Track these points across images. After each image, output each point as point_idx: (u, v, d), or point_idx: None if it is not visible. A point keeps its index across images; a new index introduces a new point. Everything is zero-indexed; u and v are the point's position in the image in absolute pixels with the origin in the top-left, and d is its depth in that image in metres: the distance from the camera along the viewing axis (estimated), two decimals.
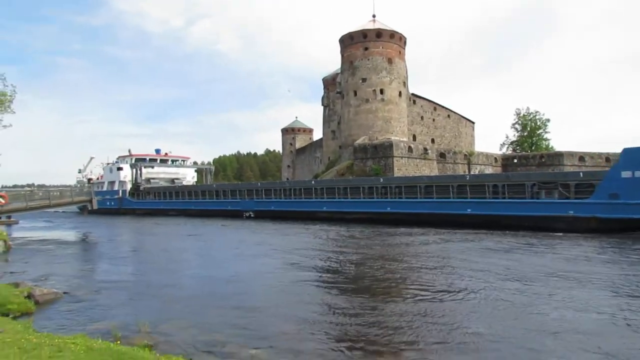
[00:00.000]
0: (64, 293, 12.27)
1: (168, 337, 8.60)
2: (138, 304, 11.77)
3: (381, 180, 36.48)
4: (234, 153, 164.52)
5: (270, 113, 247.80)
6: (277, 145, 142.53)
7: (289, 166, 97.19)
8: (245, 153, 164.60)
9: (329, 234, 26.90)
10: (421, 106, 64.46)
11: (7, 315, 9.61)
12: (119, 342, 7.27)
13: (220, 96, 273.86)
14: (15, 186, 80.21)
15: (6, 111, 16.12)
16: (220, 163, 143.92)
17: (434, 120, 67.05)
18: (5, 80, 15.05)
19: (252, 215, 42.76)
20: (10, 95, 15.74)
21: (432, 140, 64.10)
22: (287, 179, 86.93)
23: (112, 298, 12.22)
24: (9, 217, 37.63)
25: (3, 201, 28.82)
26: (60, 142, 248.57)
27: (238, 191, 46.93)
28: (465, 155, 59.23)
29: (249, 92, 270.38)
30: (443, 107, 69.67)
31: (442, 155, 55.09)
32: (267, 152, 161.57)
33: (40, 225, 41.54)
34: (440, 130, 68.03)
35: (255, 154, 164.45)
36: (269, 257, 18.91)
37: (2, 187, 59.87)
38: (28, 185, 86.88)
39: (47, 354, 6.12)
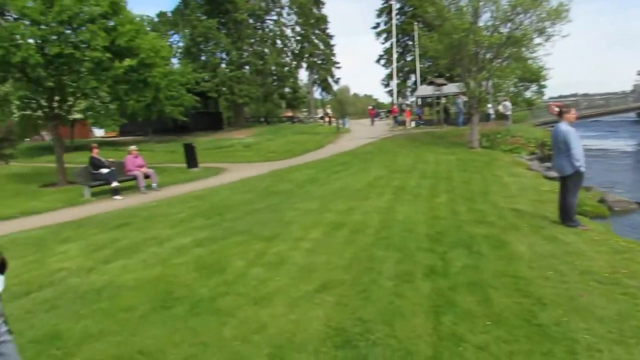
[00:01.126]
0: (637, 204, 11.76)
1: None
2: None
3: None
4: None
5: None
6: None
7: None
8: None
9: None
10: None
11: (584, 215, 9.73)
12: None
13: None
14: (560, 97, 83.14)
15: (564, 21, 16.80)
16: None
17: None
18: None
19: None
20: (567, 5, 16.25)
21: None
22: None
23: None
24: None
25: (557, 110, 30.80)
26: (607, 46, 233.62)
27: None
28: None
29: None
30: None
31: None
32: None
33: (589, 134, 41.27)
34: None
35: None
36: None
37: (549, 98, 63.14)
38: (571, 95, 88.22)
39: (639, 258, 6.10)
